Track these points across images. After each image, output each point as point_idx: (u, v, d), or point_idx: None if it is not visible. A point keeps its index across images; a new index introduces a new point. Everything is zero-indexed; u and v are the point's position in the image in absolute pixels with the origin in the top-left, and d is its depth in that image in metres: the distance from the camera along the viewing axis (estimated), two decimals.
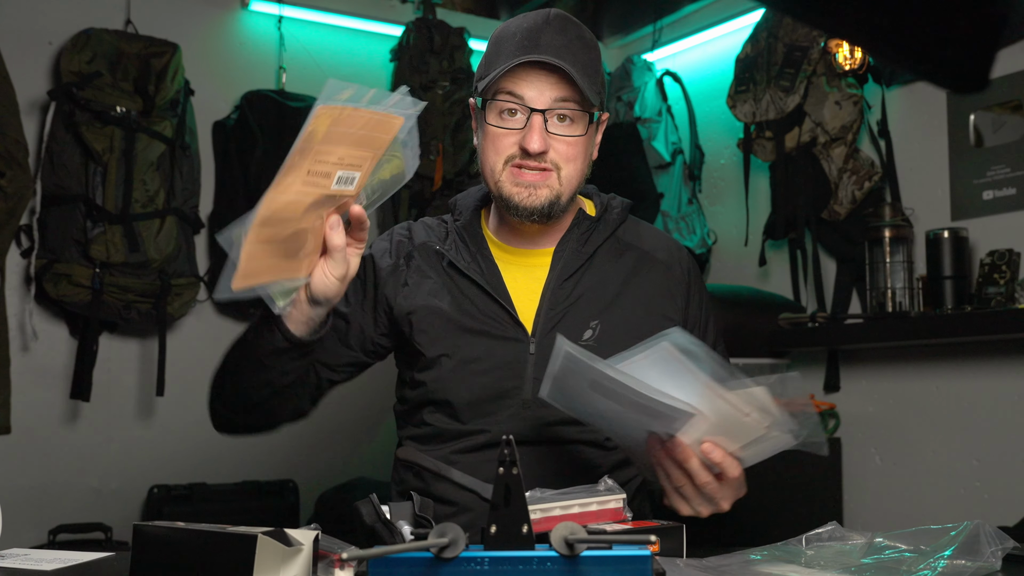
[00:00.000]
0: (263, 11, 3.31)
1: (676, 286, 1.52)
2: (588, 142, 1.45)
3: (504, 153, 1.41)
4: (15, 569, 1.19)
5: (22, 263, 2.85)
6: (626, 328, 1.43)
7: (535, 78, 1.39)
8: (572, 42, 1.40)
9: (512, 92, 1.39)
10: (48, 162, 2.80)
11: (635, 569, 0.87)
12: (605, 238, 1.50)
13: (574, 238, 1.49)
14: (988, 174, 2.63)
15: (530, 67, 1.39)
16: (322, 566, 1.01)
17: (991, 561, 1.02)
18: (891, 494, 2.79)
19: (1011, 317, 2.33)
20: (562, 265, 1.47)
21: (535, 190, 1.40)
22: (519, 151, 1.40)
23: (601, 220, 1.51)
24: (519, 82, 1.39)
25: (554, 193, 1.41)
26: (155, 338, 2.97)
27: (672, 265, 1.54)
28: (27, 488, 2.84)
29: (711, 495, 1.23)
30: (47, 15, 2.97)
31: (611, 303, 1.46)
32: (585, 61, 1.40)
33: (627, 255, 1.51)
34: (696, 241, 3.35)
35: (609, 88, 3.53)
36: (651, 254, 1.53)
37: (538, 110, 1.38)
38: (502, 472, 0.88)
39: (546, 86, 1.39)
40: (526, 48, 1.38)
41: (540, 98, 1.38)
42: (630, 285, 1.49)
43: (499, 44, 1.43)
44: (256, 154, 3.07)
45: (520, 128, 1.40)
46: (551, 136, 1.39)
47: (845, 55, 2.81)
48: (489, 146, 1.42)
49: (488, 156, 1.43)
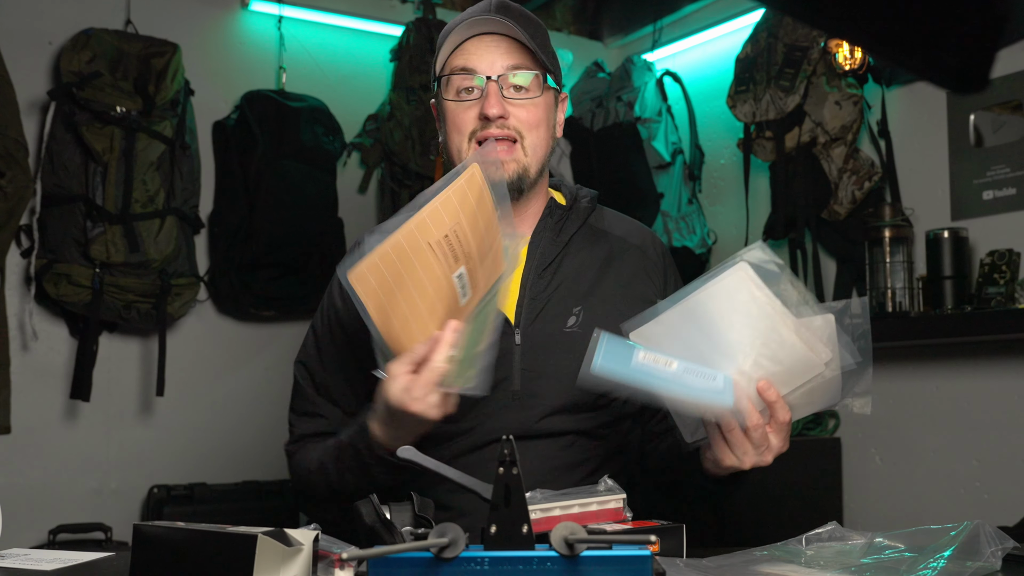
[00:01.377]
0: (263, 11, 3.31)
1: (652, 268, 1.53)
2: (548, 111, 1.47)
3: (466, 129, 1.42)
4: (15, 569, 1.19)
5: (22, 263, 2.85)
6: (608, 312, 1.45)
7: (484, 50, 1.42)
8: (518, 18, 1.43)
9: (465, 67, 1.42)
10: (48, 162, 2.80)
11: (635, 569, 0.87)
12: (579, 226, 1.52)
13: (548, 227, 1.50)
14: (988, 174, 2.63)
15: (479, 39, 1.42)
16: (322, 566, 1.01)
17: (991, 561, 1.02)
18: (891, 494, 2.79)
19: (1011, 317, 2.33)
20: (539, 254, 1.48)
21: (502, 165, 1.41)
22: (479, 123, 1.41)
23: (572, 209, 1.53)
24: (470, 56, 1.42)
25: (521, 166, 1.43)
26: (155, 338, 2.97)
27: (646, 248, 1.55)
28: (27, 488, 2.84)
29: (759, 441, 1.20)
30: (47, 15, 2.97)
31: (591, 289, 1.48)
32: (532, 32, 1.43)
33: (601, 241, 1.53)
34: (696, 241, 3.35)
35: (609, 88, 3.53)
36: (624, 239, 1.55)
37: (492, 79, 1.40)
38: (502, 472, 0.88)
39: (497, 55, 1.41)
40: (472, 27, 1.42)
41: (492, 66, 1.41)
42: (608, 270, 1.50)
43: (446, 34, 1.46)
44: (256, 154, 3.07)
45: (477, 99, 1.42)
46: (508, 102, 1.41)
47: (845, 55, 2.81)
48: (451, 125, 1.44)
49: (452, 136, 1.44)
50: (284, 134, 3.08)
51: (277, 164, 3.07)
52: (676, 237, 3.33)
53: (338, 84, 3.37)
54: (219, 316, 3.18)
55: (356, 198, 3.39)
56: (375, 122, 3.37)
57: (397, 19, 3.44)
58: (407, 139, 3.31)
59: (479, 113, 1.40)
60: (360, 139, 3.36)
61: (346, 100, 3.35)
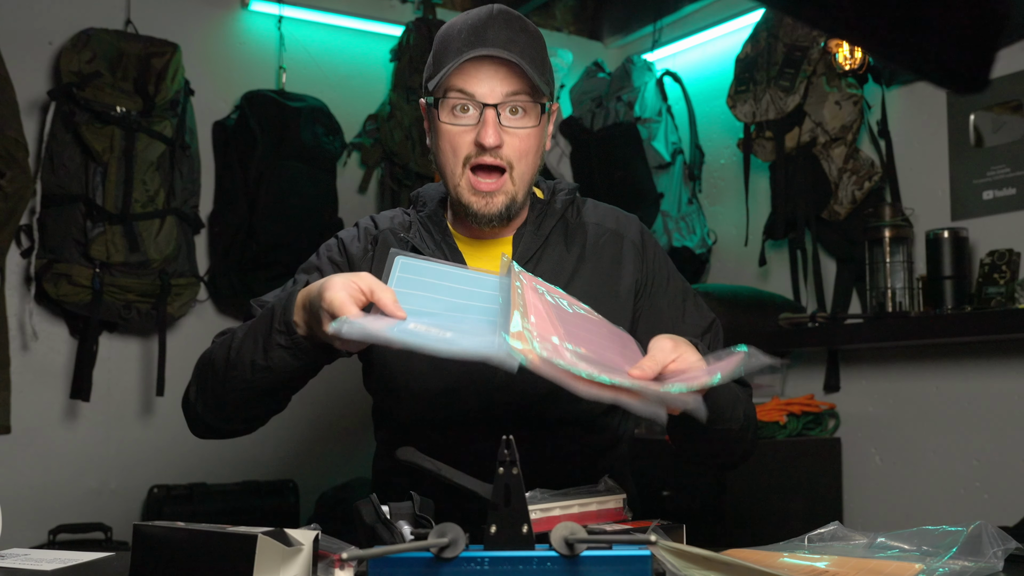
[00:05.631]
0: (263, 11, 3.31)
1: (628, 250, 1.54)
2: (540, 133, 1.48)
3: (461, 154, 1.43)
4: (15, 569, 1.19)
5: (22, 263, 2.85)
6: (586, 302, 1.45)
7: (484, 74, 1.41)
8: (518, 35, 1.43)
9: (463, 90, 1.41)
10: (48, 162, 2.80)
11: (635, 569, 0.87)
12: (557, 219, 1.53)
13: (529, 222, 1.52)
14: (988, 174, 2.63)
15: (479, 62, 1.40)
16: (322, 566, 1.01)
17: (993, 562, 1.02)
18: (891, 494, 2.79)
19: (1011, 317, 2.33)
20: (521, 249, 1.49)
21: (491, 198, 1.43)
22: (475, 148, 1.42)
23: (550, 203, 1.55)
24: (469, 79, 1.41)
25: (509, 197, 1.45)
26: (155, 338, 2.97)
27: (623, 230, 1.56)
28: (27, 488, 2.84)
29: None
30: (47, 15, 2.97)
31: (570, 279, 1.49)
32: (532, 53, 1.43)
33: (579, 232, 1.55)
34: (696, 241, 3.35)
35: (609, 88, 3.53)
36: (601, 223, 1.56)
37: (490, 105, 1.40)
38: (502, 472, 0.88)
39: (496, 81, 1.41)
40: (472, 43, 1.40)
41: (491, 93, 1.41)
42: (587, 259, 1.52)
43: (445, 42, 1.45)
44: (256, 154, 3.07)
45: (474, 124, 1.42)
46: (504, 130, 1.42)
47: (845, 55, 2.81)
48: (445, 146, 1.44)
49: (446, 157, 1.45)
50: (284, 134, 3.08)
51: (277, 164, 3.07)
52: (676, 237, 3.33)
53: (338, 84, 3.37)
54: (219, 316, 3.18)
55: (356, 198, 3.39)
56: (375, 122, 3.37)
57: (397, 19, 3.44)
58: (407, 139, 3.31)
59: (474, 139, 1.41)
60: (360, 139, 3.36)
61: (346, 100, 3.35)
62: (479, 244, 1.53)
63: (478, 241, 1.53)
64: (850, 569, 1.03)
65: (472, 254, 1.52)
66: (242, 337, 1.36)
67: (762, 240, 3.11)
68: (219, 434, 1.52)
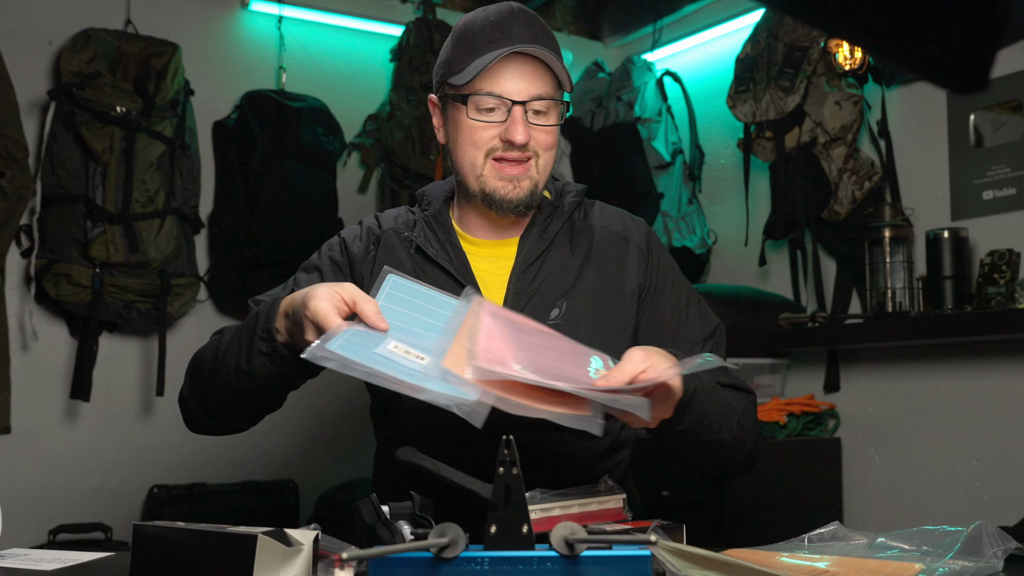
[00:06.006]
0: (263, 11, 3.31)
1: (634, 253, 1.53)
2: (559, 132, 1.49)
3: (484, 147, 1.43)
4: (15, 569, 1.19)
5: (22, 263, 2.85)
6: (591, 304, 1.46)
7: (513, 72, 1.41)
8: (539, 33, 1.44)
9: (493, 87, 1.41)
10: (48, 162, 2.80)
11: (635, 569, 0.87)
12: (564, 221, 1.53)
13: (536, 224, 1.52)
14: (988, 174, 2.63)
15: (507, 60, 1.41)
16: (322, 566, 1.01)
17: (993, 562, 1.02)
18: (891, 494, 2.79)
19: (1011, 317, 2.33)
20: (526, 251, 1.49)
21: (518, 183, 1.44)
22: (500, 143, 1.42)
23: (558, 206, 1.54)
24: (499, 80, 1.41)
25: (533, 183, 1.45)
26: (155, 338, 2.97)
27: (629, 233, 1.56)
28: (27, 488, 2.84)
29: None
30: (47, 15, 2.97)
31: (574, 283, 1.49)
32: (553, 51, 1.44)
33: (585, 234, 1.54)
34: (696, 241, 3.35)
35: (609, 88, 3.53)
36: (606, 227, 1.56)
37: (519, 102, 1.41)
38: (502, 472, 0.88)
39: (523, 83, 1.41)
40: (499, 41, 1.41)
41: (520, 91, 1.41)
42: (591, 263, 1.51)
43: (467, 39, 1.44)
44: (256, 154, 3.07)
45: (501, 121, 1.42)
46: (530, 126, 1.42)
47: (845, 55, 2.81)
48: (466, 140, 1.44)
49: (466, 151, 1.45)
50: (284, 134, 3.08)
51: (277, 164, 3.07)
52: (676, 237, 3.33)
53: (338, 84, 3.37)
54: (219, 316, 3.17)
55: (356, 198, 3.39)
56: (375, 122, 3.37)
57: (397, 19, 3.44)
58: (407, 139, 3.30)
59: (500, 134, 1.42)
60: (360, 139, 3.36)
61: (346, 100, 3.35)
62: (484, 244, 1.52)
63: (483, 241, 1.52)
64: (850, 569, 1.03)
65: (477, 254, 1.51)
66: (229, 340, 1.37)
67: (762, 240, 3.11)
68: (214, 431, 1.52)
